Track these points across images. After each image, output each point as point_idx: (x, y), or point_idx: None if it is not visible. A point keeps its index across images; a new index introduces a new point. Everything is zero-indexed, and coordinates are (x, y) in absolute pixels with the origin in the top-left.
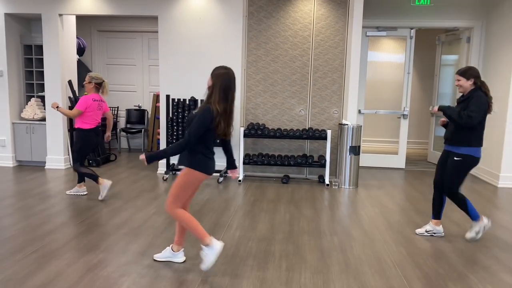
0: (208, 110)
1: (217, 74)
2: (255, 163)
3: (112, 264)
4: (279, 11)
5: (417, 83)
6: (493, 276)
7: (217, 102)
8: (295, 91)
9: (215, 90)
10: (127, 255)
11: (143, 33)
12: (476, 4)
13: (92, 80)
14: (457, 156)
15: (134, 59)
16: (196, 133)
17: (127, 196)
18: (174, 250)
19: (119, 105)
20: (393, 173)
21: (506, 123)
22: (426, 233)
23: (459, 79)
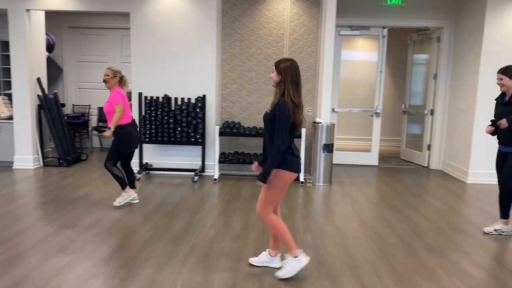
0: (283, 104)
1: (284, 67)
2: (231, 161)
3: (81, 266)
4: (253, 9)
5: (389, 81)
6: (461, 270)
7: (292, 95)
8: (270, 89)
9: (287, 84)
10: (96, 257)
11: (115, 30)
12: (445, 5)
13: (116, 74)
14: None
15: (106, 56)
16: (282, 132)
17: (98, 196)
18: (271, 255)
19: (91, 103)
20: (366, 170)
21: (474, 120)
22: (495, 231)
23: (501, 77)
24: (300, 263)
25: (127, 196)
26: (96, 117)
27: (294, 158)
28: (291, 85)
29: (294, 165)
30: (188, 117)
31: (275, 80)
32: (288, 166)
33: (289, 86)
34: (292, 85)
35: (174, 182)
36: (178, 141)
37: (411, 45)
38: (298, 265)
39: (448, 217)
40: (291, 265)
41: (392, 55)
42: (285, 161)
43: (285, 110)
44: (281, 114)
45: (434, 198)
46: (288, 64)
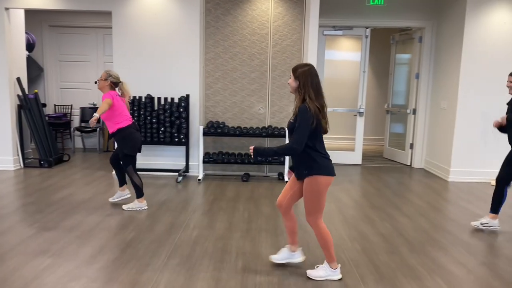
0: (305, 108)
1: (303, 72)
2: (215, 161)
3: (61, 268)
4: (237, 8)
5: (372, 81)
6: (441, 268)
7: (314, 100)
8: (254, 89)
9: (307, 89)
10: (77, 259)
11: (97, 29)
12: (427, 6)
13: (108, 78)
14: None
15: (88, 55)
16: (301, 136)
17: (80, 198)
18: (292, 251)
19: (72, 103)
20: (350, 169)
21: (455, 119)
22: (481, 225)
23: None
24: (335, 275)
25: (139, 206)
26: (78, 117)
27: (326, 161)
28: (312, 90)
29: (328, 168)
30: (172, 117)
31: (293, 86)
32: (322, 170)
33: (310, 90)
34: (313, 90)
35: (157, 182)
36: (161, 141)
37: (394, 45)
38: (332, 275)
39: (429, 215)
40: (326, 272)
41: (375, 55)
42: (318, 165)
43: (307, 116)
44: (302, 119)
45: (416, 196)
46: (307, 69)
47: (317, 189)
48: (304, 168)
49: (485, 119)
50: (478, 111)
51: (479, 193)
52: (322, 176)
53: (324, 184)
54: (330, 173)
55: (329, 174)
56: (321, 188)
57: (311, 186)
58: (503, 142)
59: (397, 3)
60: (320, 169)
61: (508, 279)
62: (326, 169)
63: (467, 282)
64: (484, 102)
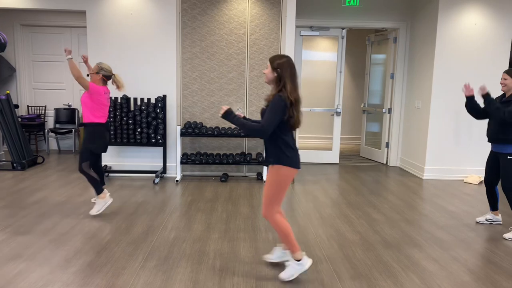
0: (280, 98)
1: (280, 63)
2: (193, 162)
3: (35, 274)
4: (213, 8)
5: (349, 81)
6: (415, 264)
7: (290, 92)
8: (232, 89)
9: (285, 81)
10: (52, 264)
11: (72, 28)
12: (401, 7)
13: (100, 72)
14: (510, 155)
15: (62, 55)
16: (270, 122)
17: (54, 201)
18: (284, 249)
19: (46, 104)
20: (327, 168)
21: (429, 118)
22: (486, 221)
23: (506, 78)
24: (303, 266)
25: (104, 203)
26: (53, 119)
27: (293, 152)
28: (290, 82)
29: (295, 161)
30: (148, 117)
31: (269, 77)
32: (288, 161)
33: (288, 82)
34: (291, 81)
35: (134, 184)
36: (138, 142)
37: (369, 46)
38: (300, 269)
39: (405, 212)
40: (294, 268)
41: (351, 55)
42: (286, 156)
43: (279, 105)
44: (273, 107)
45: (392, 194)
46: (285, 60)
47: (280, 179)
48: (272, 157)
49: (457, 118)
50: (451, 110)
51: (452, 191)
52: (287, 167)
53: (288, 175)
54: (295, 165)
55: (294, 166)
56: (284, 179)
57: (275, 175)
58: (475, 140)
59: (372, 4)
60: (286, 160)
61: (479, 273)
62: (292, 161)
63: (440, 278)
64: (457, 101)
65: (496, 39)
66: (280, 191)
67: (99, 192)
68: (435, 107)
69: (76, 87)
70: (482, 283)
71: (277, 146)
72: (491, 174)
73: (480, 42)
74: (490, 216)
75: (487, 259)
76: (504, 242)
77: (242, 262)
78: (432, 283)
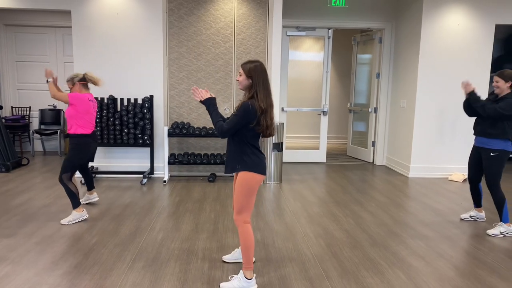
0: (248, 106)
1: (253, 68)
2: (181, 162)
3: (20, 276)
4: (200, 8)
5: (335, 81)
6: (401, 261)
7: (262, 99)
8: (219, 89)
9: (258, 88)
10: (38, 266)
11: (56, 28)
12: (386, 8)
13: (74, 80)
14: (493, 152)
15: (47, 55)
16: (231, 126)
17: (40, 203)
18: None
19: (31, 105)
20: (315, 168)
21: (414, 117)
22: (470, 217)
23: (498, 80)
24: (250, 286)
25: (79, 216)
26: (37, 120)
27: (259, 160)
28: (262, 88)
29: (261, 167)
30: (135, 118)
31: (244, 84)
32: (255, 168)
33: (260, 89)
34: (263, 88)
35: (121, 185)
36: (125, 143)
37: (355, 46)
38: (245, 286)
39: (391, 210)
40: (240, 283)
41: (337, 55)
42: (253, 162)
43: (245, 112)
44: (238, 112)
45: (379, 192)
46: (258, 65)
47: (251, 184)
48: (238, 162)
49: (442, 117)
50: (435, 109)
51: (437, 188)
52: (254, 173)
53: (256, 181)
54: (261, 172)
55: (260, 172)
56: (253, 184)
57: (245, 180)
58: (459, 139)
59: (358, 5)
60: (253, 166)
61: (463, 269)
62: (259, 167)
63: (426, 274)
64: (441, 100)
65: (479, 39)
66: (250, 197)
67: (75, 205)
68: (420, 106)
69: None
70: (466, 279)
71: (245, 152)
72: (475, 171)
73: (463, 42)
74: (474, 213)
75: (471, 255)
76: (488, 238)
77: (231, 262)
78: (418, 279)
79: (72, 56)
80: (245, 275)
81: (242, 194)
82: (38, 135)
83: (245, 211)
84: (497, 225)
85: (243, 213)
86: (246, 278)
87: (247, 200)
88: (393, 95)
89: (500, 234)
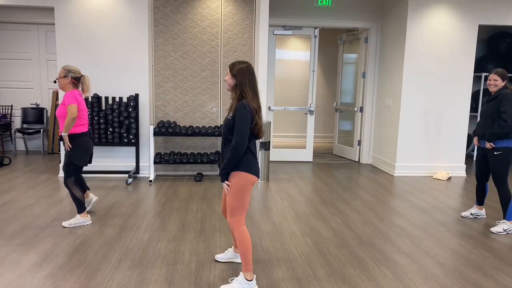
0: (244, 107)
1: (240, 69)
2: (167, 162)
3: (3, 278)
4: (186, 6)
5: (322, 80)
6: (387, 259)
7: (251, 99)
8: (206, 88)
9: (245, 88)
10: (21, 267)
11: (39, 25)
12: (372, 7)
13: (68, 74)
14: (496, 150)
15: (29, 53)
16: (242, 133)
17: (22, 203)
18: (236, 252)
19: (13, 103)
20: (302, 166)
21: (399, 116)
22: (471, 215)
23: (496, 79)
24: (250, 287)
25: (82, 221)
26: (19, 118)
27: (254, 161)
28: (250, 89)
29: (255, 168)
30: (120, 117)
31: (230, 84)
32: (248, 168)
33: (248, 90)
34: (251, 89)
35: (106, 185)
36: (110, 142)
37: (342, 45)
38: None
39: (376, 208)
40: (241, 285)
41: (324, 54)
42: (246, 163)
43: (246, 114)
44: (241, 118)
45: (365, 191)
46: (245, 66)
47: (241, 185)
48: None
49: (426, 116)
50: (420, 109)
51: (422, 187)
52: (247, 174)
53: (249, 181)
54: (254, 173)
55: (253, 173)
56: (246, 184)
57: (239, 181)
58: (443, 138)
59: (344, 4)
60: (246, 166)
61: (448, 266)
62: (252, 168)
63: (411, 271)
64: (426, 99)
65: (463, 39)
66: (243, 198)
67: (80, 210)
68: (405, 106)
69: (45, 86)
70: (451, 276)
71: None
72: (481, 170)
73: (447, 43)
74: (475, 210)
75: (456, 252)
76: (473, 235)
77: (218, 261)
78: (403, 276)
79: (56, 54)
80: (246, 277)
81: (235, 195)
82: (20, 134)
83: (238, 213)
84: (500, 223)
85: (236, 215)
86: (246, 280)
87: (240, 202)
88: (379, 94)
89: (504, 232)
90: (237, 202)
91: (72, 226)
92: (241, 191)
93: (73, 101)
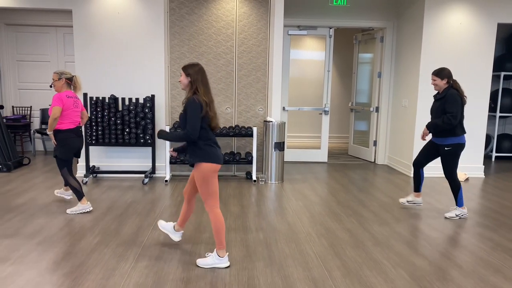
0: (193, 100)
1: (194, 70)
2: (182, 162)
3: (23, 277)
4: (201, 7)
5: (337, 80)
6: (404, 261)
7: (203, 94)
8: (220, 89)
9: (198, 85)
10: (40, 266)
11: (57, 28)
12: (387, 7)
13: (62, 76)
14: (447, 146)
15: (48, 55)
16: (193, 124)
17: (41, 202)
18: (175, 229)
19: (32, 104)
20: (316, 167)
21: (416, 116)
22: (407, 202)
23: (434, 79)
24: (222, 263)
25: (82, 208)
26: (38, 119)
27: (212, 149)
28: (202, 86)
29: (213, 156)
30: (137, 117)
31: (184, 83)
32: (207, 158)
33: (201, 86)
34: (203, 86)
35: (123, 185)
36: (126, 143)
37: (357, 45)
38: (218, 263)
39: (393, 210)
40: (213, 260)
41: (339, 54)
42: (204, 153)
43: (195, 106)
44: (191, 110)
45: (380, 192)
46: (198, 67)
47: (203, 175)
48: (192, 155)
49: None
50: None
51: (439, 187)
52: (206, 163)
53: (208, 171)
54: (214, 161)
55: (213, 161)
56: (207, 174)
57: (198, 173)
58: None
59: (359, 4)
60: (204, 156)
61: (467, 268)
62: (210, 157)
63: (429, 274)
64: None
65: (481, 37)
66: (208, 186)
67: (79, 197)
68: (422, 106)
69: None
70: (470, 278)
71: (198, 145)
72: (422, 157)
73: (465, 41)
74: (411, 197)
75: (475, 254)
76: (492, 238)
77: (234, 261)
78: (422, 279)
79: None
80: (218, 254)
81: (200, 184)
82: (39, 135)
83: (209, 198)
84: (453, 209)
85: (208, 200)
86: (218, 256)
87: (207, 189)
88: (395, 94)
89: (456, 217)
90: (205, 189)
91: (75, 213)
92: (205, 180)
93: (58, 103)
